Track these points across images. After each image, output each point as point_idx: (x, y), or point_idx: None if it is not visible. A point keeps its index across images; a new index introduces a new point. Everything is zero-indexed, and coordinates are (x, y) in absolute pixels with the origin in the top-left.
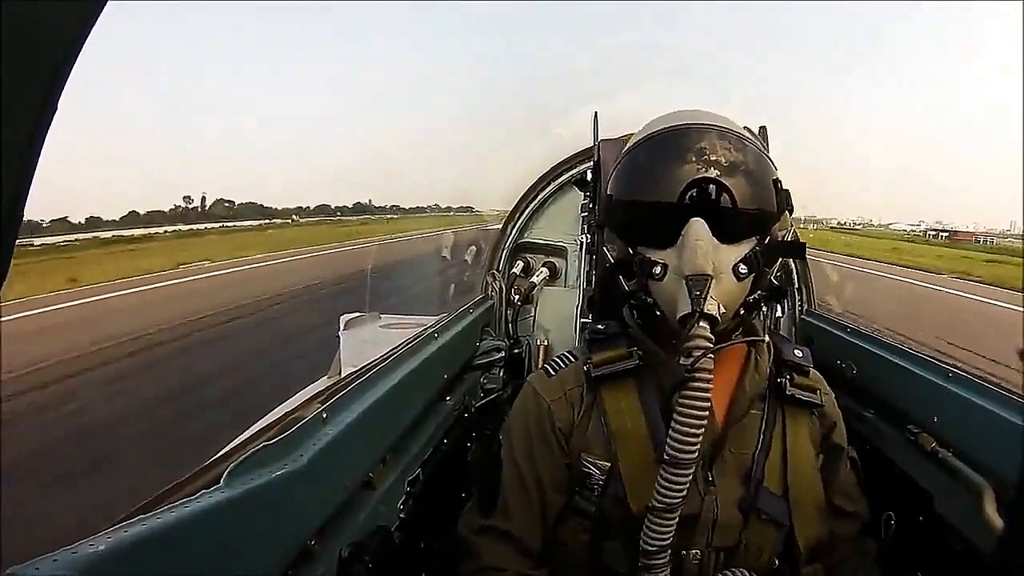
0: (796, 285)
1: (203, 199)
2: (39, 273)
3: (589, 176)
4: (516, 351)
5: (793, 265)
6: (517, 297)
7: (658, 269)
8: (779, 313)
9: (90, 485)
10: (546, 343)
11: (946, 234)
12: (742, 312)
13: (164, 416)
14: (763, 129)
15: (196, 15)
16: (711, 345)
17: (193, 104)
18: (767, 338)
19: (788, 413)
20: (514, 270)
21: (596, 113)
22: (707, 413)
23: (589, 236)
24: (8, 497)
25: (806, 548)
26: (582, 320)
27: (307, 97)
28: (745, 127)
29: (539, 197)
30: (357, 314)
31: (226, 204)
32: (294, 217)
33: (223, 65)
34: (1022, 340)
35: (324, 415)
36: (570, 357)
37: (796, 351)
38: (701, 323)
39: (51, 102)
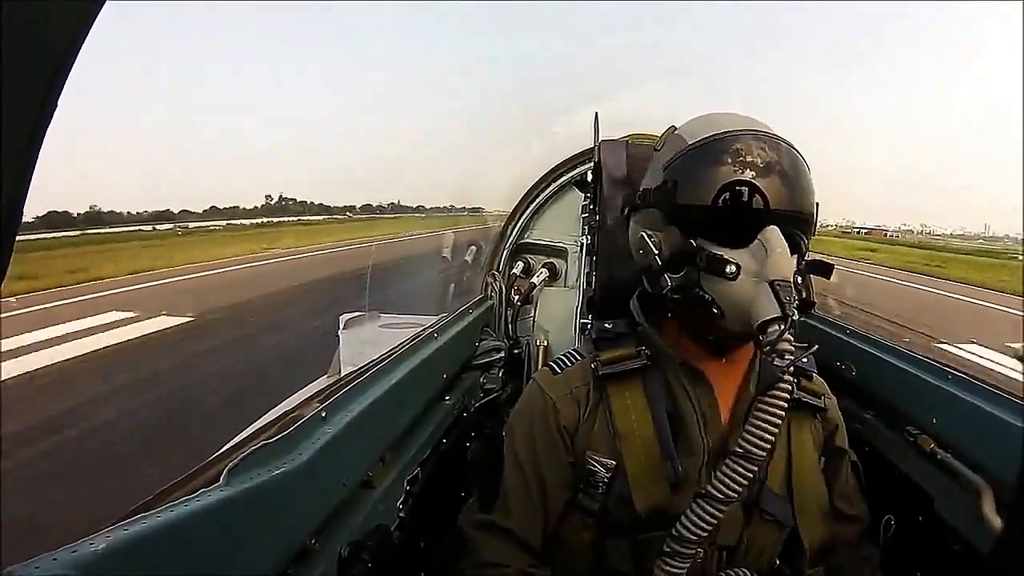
0: None
1: (281, 197)
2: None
3: (589, 177)
4: (516, 351)
5: None
6: (517, 297)
7: (732, 268)
8: None
9: None
10: (546, 343)
11: (865, 230)
12: None
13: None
14: None
15: (200, 15)
16: (793, 348)
17: (195, 104)
18: (815, 347)
19: (793, 416)
20: (514, 271)
21: (597, 114)
22: (784, 412)
23: (589, 237)
24: None
25: (811, 550)
26: (582, 321)
27: (316, 99)
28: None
29: (539, 198)
30: (356, 313)
31: (291, 202)
32: (348, 214)
33: (229, 68)
34: (1022, 341)
35: (324, 414)
36: (576, 355)
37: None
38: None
39: (51, 102)
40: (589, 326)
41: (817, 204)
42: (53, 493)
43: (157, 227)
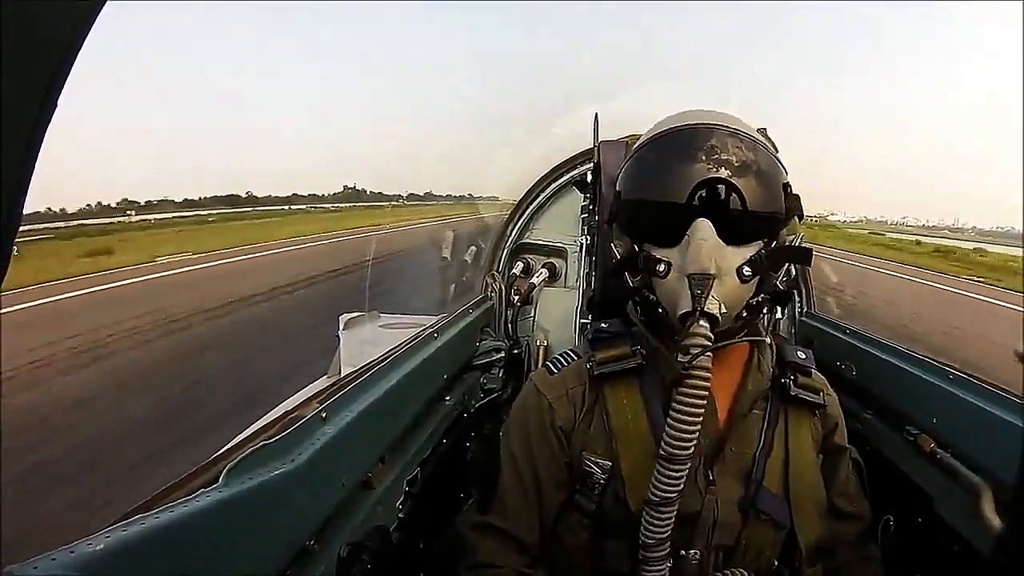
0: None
1: (355, 186)
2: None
3: (589, 177)
4: (516, 351)
5: (792, 267)
6: (517, 298)
7: (662, 267)
8: (779, 315)
9: None
10: (546, 343)
11: None
12: (745, 314)
13: None
14: (763, 131)
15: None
16: (709, 343)
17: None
18: (768, 338)
19: (791, 414)
20: (514, 271)
21: (597, 114)
22: (703, 410)
23: (589, 237)
24: None
25: (807, 549)
26: (582, 320)
27: (331, 103)
28: (759, 129)
29: (539, 198)
30: (356, 314)
31: (361, 191)
32: (401, 200)
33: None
34: (1022, 341)
35: (323, 415)
36: (572, 355)
37: (799, 352)
38: (701, 321)
39: (51, 102)
40: (588, 326)
41: (788, 185)
42: None
43: (292, 207)
